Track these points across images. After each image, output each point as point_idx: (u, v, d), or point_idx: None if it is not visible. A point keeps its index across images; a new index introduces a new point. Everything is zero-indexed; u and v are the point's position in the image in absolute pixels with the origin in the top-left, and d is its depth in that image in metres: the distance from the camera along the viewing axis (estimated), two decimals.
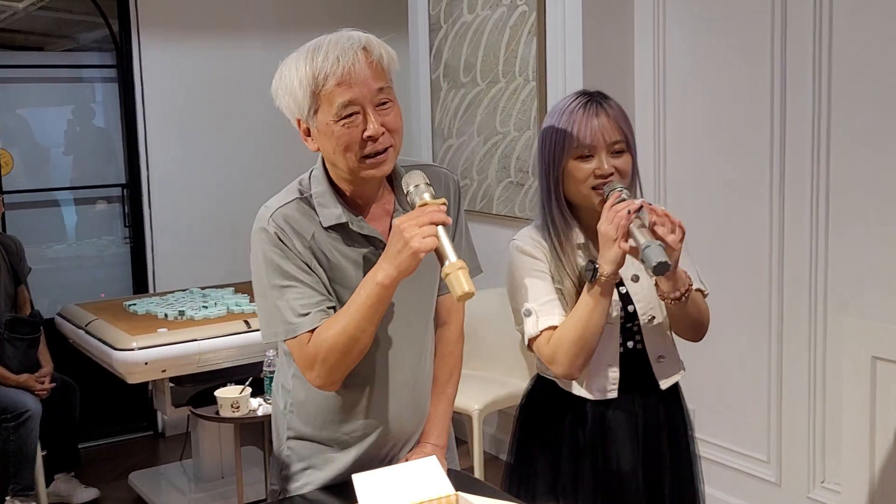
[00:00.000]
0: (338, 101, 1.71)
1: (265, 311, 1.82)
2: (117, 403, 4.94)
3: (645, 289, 2.10)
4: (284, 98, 1.78)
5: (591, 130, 1.98)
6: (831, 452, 3.25)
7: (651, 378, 2.12)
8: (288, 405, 1.97)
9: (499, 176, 4.33)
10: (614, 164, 2.00)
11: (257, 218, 1.84)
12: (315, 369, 1.78)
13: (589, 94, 2.05)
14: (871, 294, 3.06)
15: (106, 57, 5.14)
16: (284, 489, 1.98)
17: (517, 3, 4.09)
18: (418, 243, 1.63)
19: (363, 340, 1.75)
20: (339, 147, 1.74)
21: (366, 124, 1.72)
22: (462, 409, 3.88)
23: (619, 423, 2.09)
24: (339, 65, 1.69)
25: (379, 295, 1.70)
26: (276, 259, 1.79)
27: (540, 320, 2.02)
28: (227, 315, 4.03)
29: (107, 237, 5.22)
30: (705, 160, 3.62)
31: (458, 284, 1.60)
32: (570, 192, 2.04)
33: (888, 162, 2.99)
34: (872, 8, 2.99)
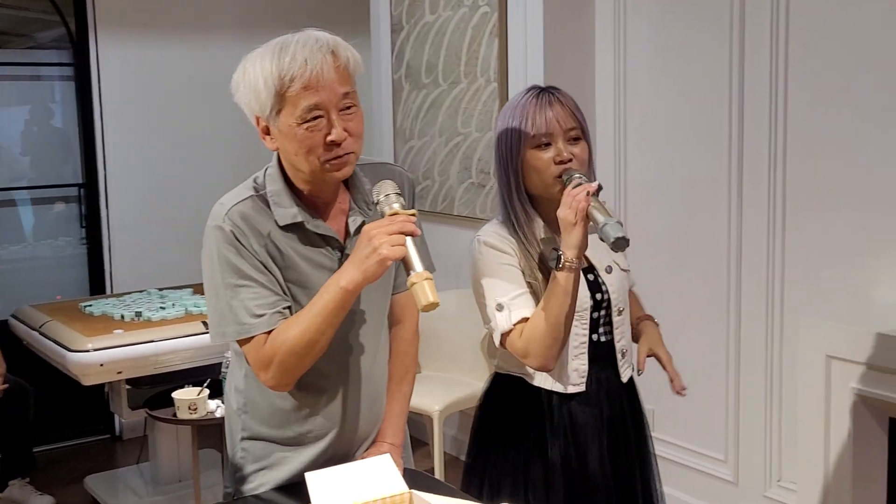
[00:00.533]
0: (303, 105, 1.69)
1: (217, 311, 1.80)
2: (73, 406, 4.86)
3: (618, 281, 2.13)
4: (246, 95, 1.75)
5: (546, 118, 2.00)
6: (788, 451, 3.28)
7: (615, 371, 2.15)
8: (241, 406, 1.95)
9: (460, 177, 4.33)
10: (572, 150, 2.02)
11: (212, 215, 1.81)
12: (270, 371, 1.76)
13: (540, 87, 2.08)
14: (826, 295, 3.10)
15: (64, 55, 5.08)
16: (238, 490, 1.96)
17: (479, 3, 4.09)
18: (387, 251, 1.63)
19: (321, 343, 1.73)
20: (301, 150, 1.72)
21: (330, 128, 1.71)
22: (422, 410, 3.87)
23: (587, 417, 2.10)
24: (307, 68, 1.68)
25: (342, 299, 1.69)
26: (231, 257, 1.76)
27: (512, 313, 2.00)
28: (184, 316, 3.99)
29: (63, 238, 5.15)
30: (665, 161, 3.65)
31: (424, 295, 1.61)
32: (533, 183, 2.04)
33: (843, 167, 3.02)
34: (828, 12, 3.02)
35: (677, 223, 3.59)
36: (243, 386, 1.93)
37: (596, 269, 2.11)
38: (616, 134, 3.83)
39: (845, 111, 3.00)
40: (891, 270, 2.92)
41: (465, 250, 2.16)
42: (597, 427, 2.11)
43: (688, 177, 3.55)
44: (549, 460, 2.09)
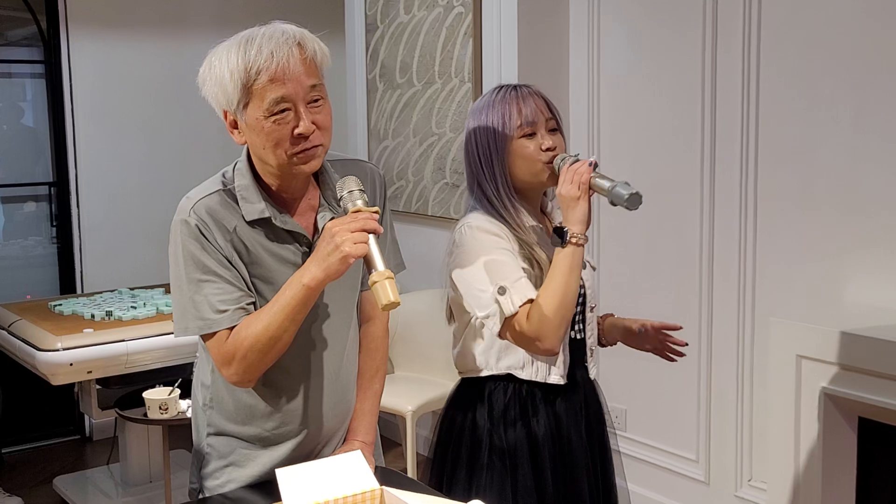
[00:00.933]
0: (269, 97, 1.68)
1: (180, 305, 1.78)
2: (43, 407, 4.83)
3: (591, 277, 2.15)
4: (213, 88, 1.74)
5: (530, 108, 2.03)
6: (759, 451, 3.30)
7: (585, 369, 2.16)
8: (207, 401, 1.93)
9: (434, 177, 4.33)
10: (553, 140, 2.04)
11: (178, 209, 1.80)
12: (233, 366, 1.75)
13: (510, 84, 2.09)
14: (797, 295, 3.12)
15: (35, 53, 5.03)
16: (203, 487, 1.95)
17: (453, 4, 4.09)
18: (349, 248, 1.62)
19: (284, 339, 1.73)
20: (268, 143, 1.71)
21: (297, 121, 1.70)
22: (395, 410, 3.87)
23: (569, 411, 2.11)
24: (273, 60, 1.67)
25: (304, 297, 1.69)
26: (196, 252, 1.75)
27: (515, 296, 1.94)
28: (156, 315, 3.96)
29: (34, 237, 5.09)
30: (638, 161, 3.66)
31: (384, 294, 1.60)
32: (521, 171, 2.04)
33: (813, 169, 3.05)
34: (799, 14, 3.05)
35: (650, 224, 3.61)
36: (209, 381, 1.92)
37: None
38: (589, 134, 3.85)
39: (817, 113, 3.03)
40: (860, 271, 2.95)
41: (440, 251, 2.15)
42: (576, 419, 2.12)
43: (661, 177, 3.56)
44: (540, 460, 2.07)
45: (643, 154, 3.64)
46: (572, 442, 2.11)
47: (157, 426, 3.68)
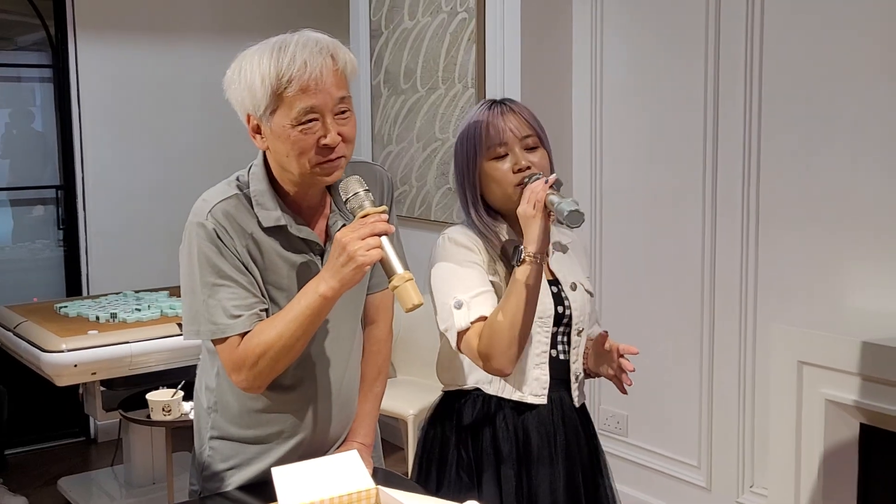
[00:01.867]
0: (299, 107, 1.67)
1: (192, 308, 1.77)
2: (48, 408, 4.84)
3: (581, 299, 2.08)
4: (240, 91, 1.73)
5: (499, 128, 1.97)
6: (760, 457, 3.30)
7: (568, 393, 2.09)
8: (211, 404, 1.94)
9: (437, 182, 4.34)
10: (530, 159, 1.97)
11: (194, 211, 1.79)
12: (243, 373, 1.75)
13: (493, 100, 2.05)
14: (797, 301, 3.13)
15: (43, 58, 5.06)
16: (205, 489, 1.95)
17: (457, 9, 4.11)
18: (363, 257, 1.61)
19: (296, 349, 1.72)
20: (293, 152, 1.70)
21: (324, 132, 1.69)
22: (397, 413, 3.88)
23: (541, 438, 2.04)
24: (307, 70, 1.66)
25: (320, 307, 1.68)
26: (212, 256, 1.74)
27: (471, 311, 1.93)
28: (160, 318, 3.98)
29: (41, 240, 5.12)
30: (640, 169, 3.67)
31: (408, 296, 1.60)
32: (494, 195, 2.00)
33: (814, 177, 3.06)
34: (802, 31, 3.06)
35: (652, 233, 3.62)
36: (214, 384, 1.92)
37: (560, 284, 2.07)
38: (592, 144, 3.86)
39: (818, 121, 3.03)
40: (862, 277, 2.95)
41: None
42: (550, 451, 2.05)
43: (663, 187, 3.57)
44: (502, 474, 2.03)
45: (645, 162, 3.65)
46: (541, 460, 2.04)
47: (160, 428, 3.69)
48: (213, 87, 5.58)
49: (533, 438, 2.03)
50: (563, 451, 2.06)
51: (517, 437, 2.03)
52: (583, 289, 2.09)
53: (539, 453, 2.03)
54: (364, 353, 2.04)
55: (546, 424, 2.05)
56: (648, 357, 3.56)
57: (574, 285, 2.08)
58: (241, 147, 5.55)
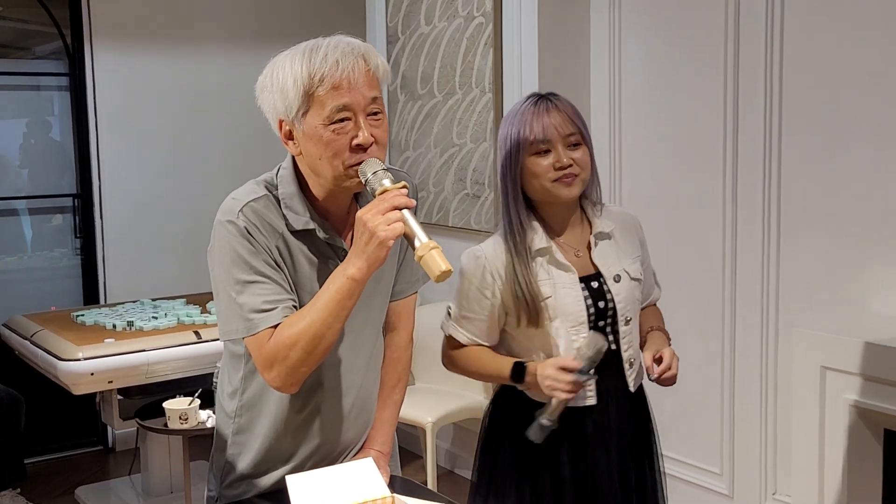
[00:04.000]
0: (331, 105, 1.66)
1: (226, 307, 1.75)
2: (66, 417, 4.84)
3: (626, 290, 2.10)
4: (272, 96, 1.72)
5: (543, 125, 2.01)
6: (783, 464, 3.26)
7: (622, 381, 2.13)
8: (236, 409, 1.91)
9: (455, 188, 4.32)
10: (572, 156, 2.02)
11: (223, 210, 1.77)
12: (275, 368, 1.71)
13: (539, 94, 2.08)
14: (820, 306, 3.08)
15: (61, 67, 5.07)
16: (223, 495, 1.93)
17: (474, 14, 4.09)
18: (384, 231, 1.60)
19: (328, 338, 1.68)
20: (326, 153, 1.69)
21: (357, 131, 1.68)
22: (416, 422, 3.85)
23: (595, 429, 2.08)
24: (339, 68, 1.66)
25: (350, 289, 1.65)
26: (244, 253, 1.72)
27: (451, 326, 2.14)
28: (177, 326, 3.98)
29: (59, 249, 5.13)
30: (660, 174, 3.64)
31: (434, 264, 1.57)
32: (532, 188, 2.05)
33: (836, 180, 3.02)
34: (821, 31, 3.02)
35: (673, 237, 3.58)
36: (241, 387, 1.89)
37: (603, 277, 2.09)
38: (611, 148, 3.83)
39: (840, 123, 2.99)
40: (884, 281, 2.91)
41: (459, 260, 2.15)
42: (605, 438, 2.09)
43: (683, 191, 3.54)
44: (560, 475, 2.07)
45: (665, 167, 3.61)
46: (598, 467, 2.08)
47: (177, 437, 3.68)
48: (228, 94, 5.63)
49: (587, 429, 2.08)
50: (616, 438, 2.11)
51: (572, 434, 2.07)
52: (628, 277, 2.11)
53: (594, 442, 2.08)
54: (385, 360, 2.03)
55: (599, 415, 2.09)
56: None
57: (618, 276, 2.10)
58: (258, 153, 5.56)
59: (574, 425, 2.07)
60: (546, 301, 2.04)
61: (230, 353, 1.89)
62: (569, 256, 2.09)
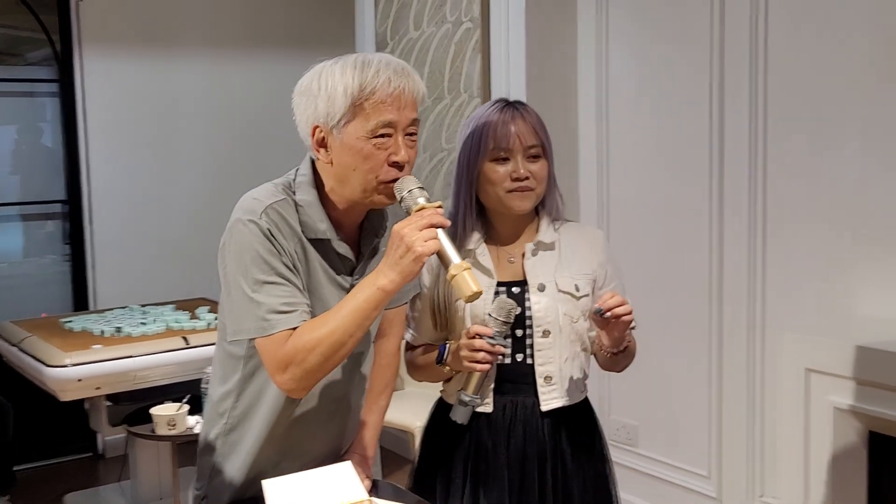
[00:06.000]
0: (377, 119, 1.68)
1: (239, 305, 1.74)
2: (55, 424, 4.83)
3: (547, 300, 2.02)
4: (314, 101, 1.73)
5: (507, 133, 1.98)
6: (769, 466, 3.26)
7: (534, 399, 2.04)
8: (230, 409, 1.90)
9: (444, 192, 4.31)
10: (530, 168, 1.99)
11: (245, 209, 1.76)
12: (289, 372, 1.70)
13: (506, 101, 2.06)
14: (805, 308, 3.09)
15: (51, 73, 5.07)
16: (209, 494, 1.93)
17: (462, 20, 4.10)
18: (421, 247, 1.61)
19: (349, 346, 1.69)
20: (364, 165, 1.70)
21: (396, 149, 1.70)
22: (404, 426, 3.85)
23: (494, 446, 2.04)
24: (391, 85, 1.69)
25: (378, 300, 1.66)
26: (264, 254, 1.72)
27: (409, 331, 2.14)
28: (165, 332, 3.96)
29: (49, 255, 5.12)
30: (647, 178, 3.65)
31: (466, 285, 1.61)
32: (487, 195, 2.03)
33: (821, 184, 3.03)
34: (806, 35, 3.04)
35: (659, 240, 3.59)
36: (235, 390, 1.88)
37: (527, 284, 2.03)
38: (599, 152, 3.84)
39: (825, 126, 3.00)
40: (870, 284, 2.91)
41: None
42: (502, 461, 2.02)
43: (670, 194, 3.55)
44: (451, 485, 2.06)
45: (652, 169, 3.62)
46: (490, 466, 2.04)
47: (166, 443, 3.67)
48: (216, 100, 5.61)
49: (485, 443, 2.04)
50: (518, 458, 2.03)
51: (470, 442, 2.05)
52: (555, 289, 2.02)
53: (490, 458, 2.04)
54: (374, 365, 2.04)
55: (498, 430, 2.04)
56: (656, 365, 3.53)
57: (542, 286, 2.02)
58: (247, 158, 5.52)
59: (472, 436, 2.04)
60: (457, 303, 2.01)
61: (227, 354, 1.88)
62: (501, 262, 2.05)
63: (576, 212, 3.91)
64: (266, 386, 1.82)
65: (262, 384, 1.84)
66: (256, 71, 5.28)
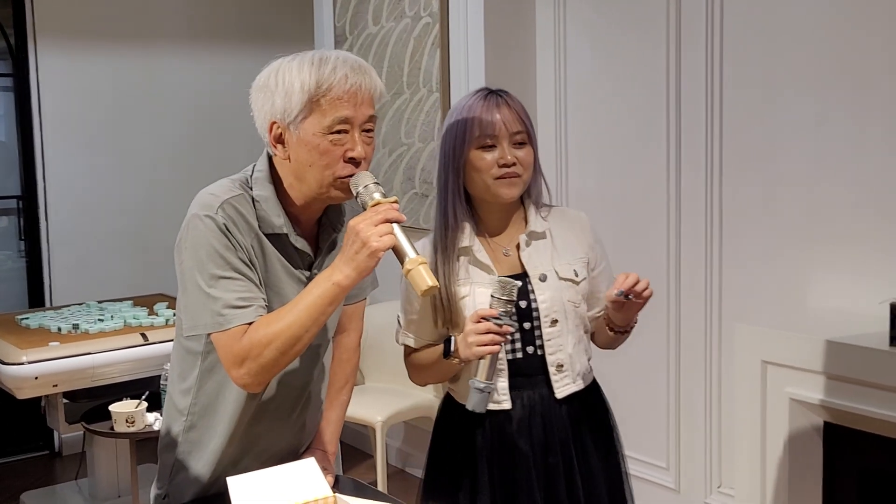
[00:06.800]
0: (334, 115, 1.69)
1: (195, 300, 1.74)
2: (10, 422, 4.78)
3: (551, 290, 2.04)
4: (270, 97, 1.73)
5: (492, 119, 1.99)
6: (727, 457, 3.31)
7: (549, 388, 2.05)
8: (189, 406, 1.89)
9: (404, 187, 4.32)
10: (517, 154, 2.00)
11: (201, 204, 1.76)
12: (245, 366, 1.70)
13: (489, 90, 2.07)
14: (761, 302, 3.14)
15: (4, 67, 5.00)
16: (171, 493, 1.92)
17: (421, 14, 4.10)
18: (376, 242, 1.62)
19: (304, 340, 1.69)
20: (320, 161, 1.71)
21: (353, 145, 1.71)
22: (366, 421, 3.85)
23: (516, 441, 2.03)
24: (347, 81, 1.69)
25: (333, 295, 1.66)
26: (220, 249, 1.72)
27: (401, 334, 2.10)
28: (123, 328, 3.93)
29: (3, 252, 5.05)
30: (605, 169, 3.68)
31: (421, 280, 1.61)
32: (474, 183, 2.03)
33: (776, 179, 3.08)
34: (762, 23, 3.07)
35: (617, 231, 3.61)
36: (194, 386, 1.87)
37: (528, 276, 2.04)
38: (557, 145, 3.86)
39: (779, 118, 3.05)
40: (824, 277, 2.96)
41: None
42: (526, 455, 2.03)
43: (628, 187, 3.58)
44: (477, 483, 2.04)
45: (610, 161, 3.66)
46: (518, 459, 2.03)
47: (124, 440, 3.65)
48: (174, 95, 5.57)
49: (507, 441, 2.04)
50: (541, 448, 2.04)
51: (491, 442, 2.04)
52: (556, 277, 2.04)
53: (513, 457, 2.03)
54: (334, 360, 2.04)
55: (520, 425, 2.04)
56: (615, 358, 3.55)
57: (543, 276, 2.04)
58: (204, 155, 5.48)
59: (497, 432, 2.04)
60: (463, 301, 2.01)
61: (185, 350, 1.87)
62: (496, 255, 2.06)
63: None
64: (225, 382, 1.81)
65: (221, 380, 1.83)
66: (214, 65, 5.25)
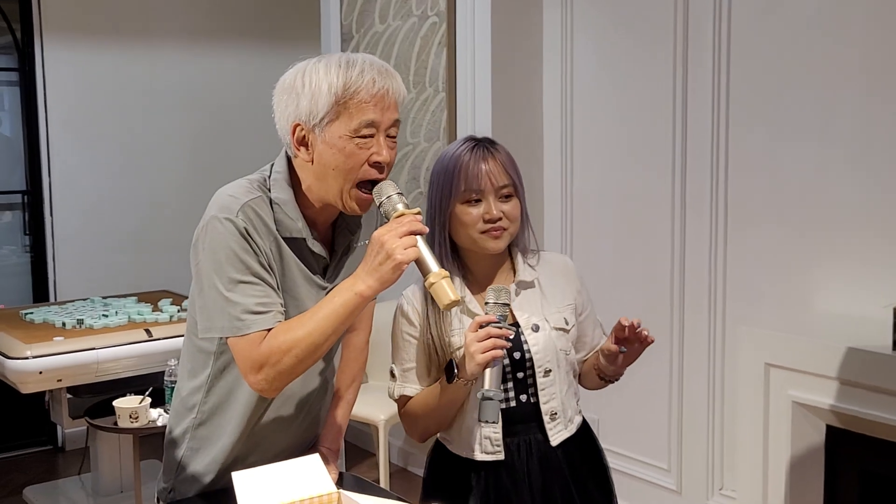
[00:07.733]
0: (361, 118, 1.68)
1: (212, 303, 1.73)
2: (14, 416, 4.79)
3: (544, 339, 2.03)
4: (295, 99, 1.72)
5: (478, 174, 1.94)
6: (729, 459, 3.31)
7: (544, 435, 2.03)
8: (199, 404, 1.89)
9: (409, 187, 4.33)
10: (503, 208, 1.96)
11: (220, 206, 1.75)
12: (262, 372, 1.70)
13: (476, 140, 2.02)
14: (766, 304, 3.14)
15: (10, 62, 5.01)
16: (176, 488, 1.93)
17: (428, 13, 4.10)
18: (401, 255, 1.62)
19: (324, 349, 1.69)
20: (345, 164, 1.70)
21: (378, 149, 1.71)
22: (368, 419, 3.86)
23: (513, 488, 2.01)
24: (375, 85, 1.69)
25: (355, 305, 1.67)
26: (240, 253, 1.71)
27: (397, 387, 2.02)
28: (127, 324, 3.94)
29: (8, 246, 5.06)
30: (610, 174, 3.68)
31: (444, 294, 1.62)
32: (459, 236, 1.99)
33: (783, 179, 3.07)
34: (768, 33, 3.08)
35: (622, 235, 3.62)
36: (205, 385, 1.88)
37: (520, 327, 2.01)
38: (563, 146, 3.86)
39: (785, 124, 3.05)
40: (829, 280, 2.97)
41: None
42: (526, 500, 2.01)
43: (633, 189, 3.58)
44: None
45: (616, 164, 3.66)
46: None
47: (127, 435, 3.65)
48: (180, 92, 5.57)
49: (503, 489, 2.01)
50: (541, 495, 2.02)
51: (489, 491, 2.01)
52: (548, 327, 2.03)
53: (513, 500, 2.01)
54: (341, 359, 2.06)
55: (516, 471, 2.02)
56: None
57: (536, 326, 2.03)
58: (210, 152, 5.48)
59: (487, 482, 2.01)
60: (458, 352, 1.95)
61: (196, 348, 1.87)
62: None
63: (539, 205, 3.93)
64: (237, 382, 1.82)
65: (233, 380, 1.83)
66: (221, 63, 5.26)
